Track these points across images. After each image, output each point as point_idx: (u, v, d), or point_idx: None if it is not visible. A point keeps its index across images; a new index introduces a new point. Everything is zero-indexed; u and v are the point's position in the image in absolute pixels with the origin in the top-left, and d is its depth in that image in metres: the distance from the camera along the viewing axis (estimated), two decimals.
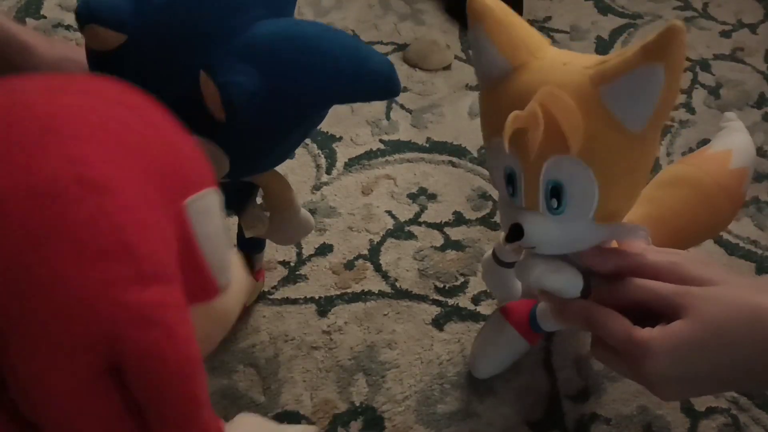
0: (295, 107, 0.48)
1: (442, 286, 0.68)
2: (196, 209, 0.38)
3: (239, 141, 0.48)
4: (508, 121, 0.42)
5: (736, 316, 0.43)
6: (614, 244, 0.50)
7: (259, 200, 0.60)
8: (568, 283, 0.48)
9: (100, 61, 0.47)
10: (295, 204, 0.59)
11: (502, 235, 0.54)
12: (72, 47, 0.59)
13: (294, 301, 0.67)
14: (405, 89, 0.87)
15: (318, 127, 0.66)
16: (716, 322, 0.43)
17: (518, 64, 0.45)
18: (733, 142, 0.61)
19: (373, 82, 0.49)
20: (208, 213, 0.40)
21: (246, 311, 0.65)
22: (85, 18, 0.44)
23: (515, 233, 0.46)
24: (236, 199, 0.57)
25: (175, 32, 0.45)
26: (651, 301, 0.46)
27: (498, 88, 0.46)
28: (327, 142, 0.80)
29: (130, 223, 0.35)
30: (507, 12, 0.46)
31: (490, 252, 0.56)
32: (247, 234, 0.58)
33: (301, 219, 0.60)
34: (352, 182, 0.77)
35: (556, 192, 0.44)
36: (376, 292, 0.68)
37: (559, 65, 0.44)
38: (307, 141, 0.79)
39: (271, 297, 0.67)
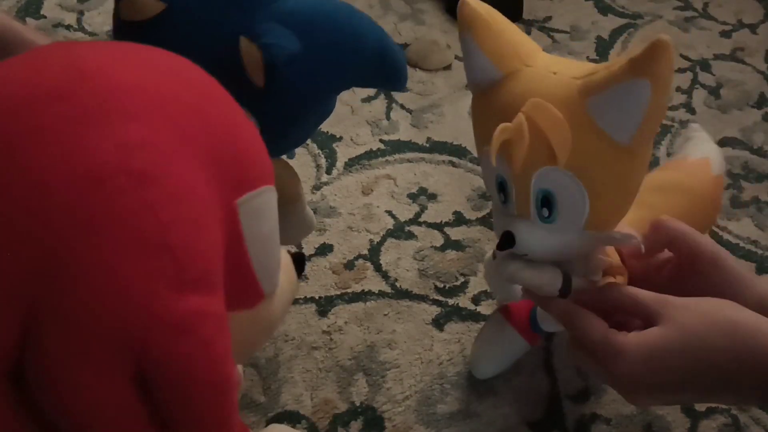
0: (324, 79, 0.49)
1: (442, 286, 0.68)
2: (249, 209, 0.36)
3: (272, 109, 0.48)
4: (495, 133, 0.42)
5: (713, 327, 0.43)
6: (611, 249, 0.50)
7: None
8: (545, 280, 0.48)
9: (132, 32, 0.47)
10: (302, 198, 0.59)
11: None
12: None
13: (294, 301, 0.67)
14: (405, 89, 0.87)
15: (318, 127, 0.66)
16: (692, 331, 0.43)
17: (508, 72, 0.45)
18: (708, 150, 0.62)
19: (390, 67, 0.51)
20: (262, 214, 0.37)
21: None
22: None
23: (507, 241, 0.46)
24: None
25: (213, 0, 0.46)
26: (629, 306, 0.46)
27: (487, 96, 0.46)
28: (327, 142, 0.80)
29: (176, 221, 0.32)
30: (497, 19, 0.46)
31: (491, 253, 0.56)
32: None
33: (306, 215, 0.61)
34: (352, 182, 0.77)
35: (546, 201, 0.44)
36: (377, 292, 0.68)
37: (548, 75, 0.44)
38: (308, 141, 0.79)
39: None
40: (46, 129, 0.31)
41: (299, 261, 0.45)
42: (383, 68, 0.51)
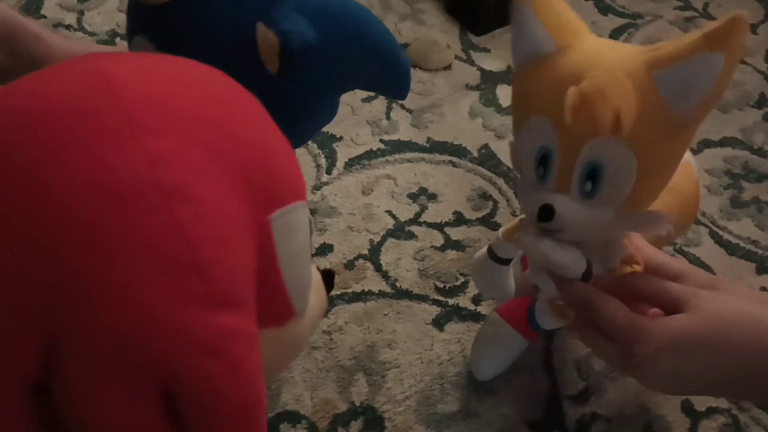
0: (334, 73, 0.49)
1: (442, 286, 0.68)
2: (281, 225, 0.35)
3: (282, 98, 0.49)
4: (569, 93, 0.41)
5: (738, 320, 0.44)
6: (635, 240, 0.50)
7: None
8: (573, 261, 0.48)
9: (153, 15, 0.47)
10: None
11: (500, 230, 0.54)
12: (85, 43, 0.59)
13: None
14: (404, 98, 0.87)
15: (320, 129, 0.65)
16: (717, 322, 0.44)
17: (563, 45, 0.45)
18: (687, 154, 0.62)
19: (396, 73, 0.51)
20: (295, 230, 0.36)
21: None
22: None
23: (546, 213, 0.45)
24: None
25: None
26: (656, 294, 0.46)
27: (541, 68, 0.46)
28: (327, 142, 0.80)
29: (206, 239, 0.31)
30: None
31: (483, 249, 0.55)
32: None
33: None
34: (352, 182, 0.77)
35: (593, 174, 0.43)
36: (377, 292, 0.68)
37: (606, 50, 0.44)
38: (308, 141, 0.80)
39: None
40: (70, 145, 0.30)
41: (329, 278, 0.44)
42: (389, 73, 0.51)
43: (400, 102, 0.85)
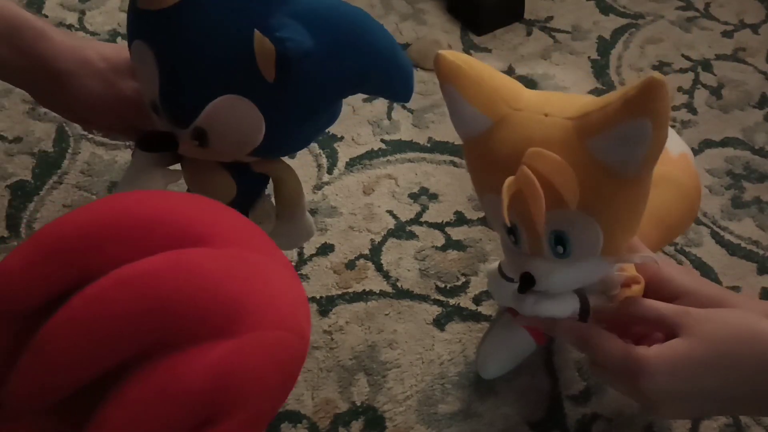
0: (334, 80, 0.49)
1: (443, 286, 0.68)
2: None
3: (280, 105, 0.49)
4: (504, 189, 0.41)
5: (736, 337, 0.44)
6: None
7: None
8: (563, 307, 0.49)
9: (151, 20, 0.47)
10: (303, 203, 0.59)
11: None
12: (87, 40, 0.59)
13: None
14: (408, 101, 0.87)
15: (322, 132, 0.65)
16: (715, 341, 0.44)
17: (497, 118, 0.45)
18: (683, 146, 0.62)
19: (398, 77, 0.51)
20: None
21: None
22: None
23: (527, 282, 0.46)
24: (250, 191, 0.57)
25: None
26: (651, 318, 0.47)
27: (480, 145, 0.46)
28: (328, 142, 0.80)
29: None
30: (475, 66, 0.45)
31: (495, 265, 0.56)
32: None
33: (306, 221, 0.60)
34: (353, 182, 0.77)
35: (560, 240, 0.44)
36: (378, 291, 0.68)
37: (540, 119, 0.44)
38: None
39: None
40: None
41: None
42: (392, 77, 0.51)
43: (401, 102, 0.85)
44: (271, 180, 0.57)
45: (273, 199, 0.59)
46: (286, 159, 0.58)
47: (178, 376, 0.34)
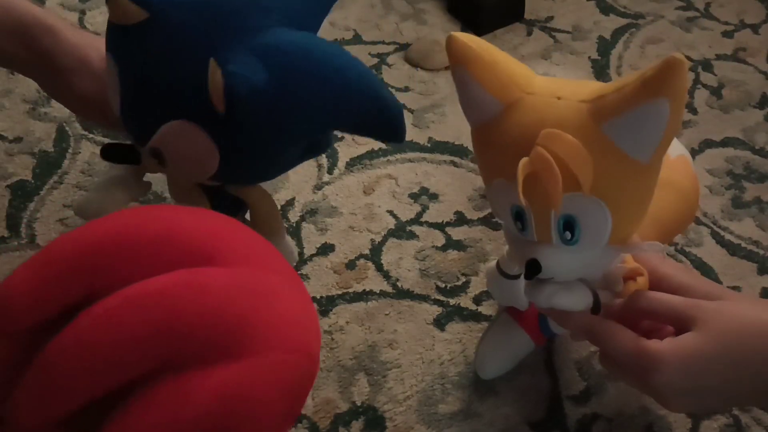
0: (294, 119, 0.47)
1: (443, 286, 0.68)
2: None
3: (232, 138, 0.48)
4: (519, 169, 0.41)
5: (747, 330, 0.43)
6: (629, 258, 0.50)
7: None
8: (578, 300, 0.48)
9: (118, 36, 0.48)
10: (280, 227, 0.59)
11: (506, 249, 0.54)
12: (95, 37, 0.60)
13: None
14: (407, 89, 0.87)
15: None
16: (727, 335, 0.43)
17: (509, 102, 0.44)
18: (681, 148, 0.62)
19: (382, 118, 0.48)
20: None
21: None
22: None
23: (533, 269, 0.46)
24: (225, 212, 0.57)
25: (196, 19, 0.46)
26: (661, 312, 0.46)
27: (491, 129, 0.45)
28: None
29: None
30: (489, 49, 0.45)
31: (493, 264, 0.56)
32: None
33: (286, 245, 0.60)
34: (353, 182, 0.77)
35: (569, 225, 0.44)
36: (378, 291, 0.68)
37: (552, 101, 0.43)
38: None
39: None
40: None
41: None
42: (375, 118, 0.49)
43: (402, 101, 0.85)
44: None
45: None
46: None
47: (184, 399, 0.34)
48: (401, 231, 0.73)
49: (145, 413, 0.34)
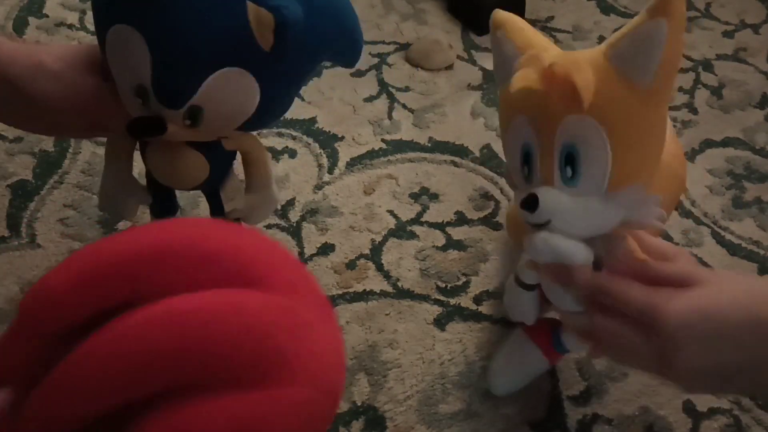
0: (318, 45, 0.52)
1: (443, 285, 0.68)
2: None
3: (275, 73, 0.51)
4: (521, 70, 0.46)
5: (753, 288, 0.44)
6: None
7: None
8: (577, 249, 0.47)
9: (137, 6, 0.48)
10: (272, 177, 0.60)
11: (523, 256, 0.54)
12: (42, 45, 0.58)
13: None
14: (407, 89, 0.87)
15: (320, 127, 0.65)
16: (737, 288, 0.43)
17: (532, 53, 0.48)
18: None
19: (354, 43, 0.55)
20: None
21: None
22: None
23: (530, 203, 0.46)
24: (221, 169, 0.58)
25: None
26: (669, 275, 0.45)
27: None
28: (329, 142, 0.80)
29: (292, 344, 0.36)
30: (522, 22, 0.52)
31: (512, 277, 0.56)
32: (227, 207, 0.59)
33: (274, 190, 0.61)
34: (354, 182, 0.77)
35: (570, 159, 0.45)
36: (378, 291, 0.68)
37: (571, 51, 0.49)
38: (309, 141, 0.79)
39: None
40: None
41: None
42: (350, 46, 0.55)
43: (402, 102, 0.85)
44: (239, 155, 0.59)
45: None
46: (287, 160, 0.58)
47: (200, 421, 0.34)
48: (401, 231, 0.73)
49: (159, 430, 0.34)
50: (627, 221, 0.48)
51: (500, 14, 0.52)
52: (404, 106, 0.85)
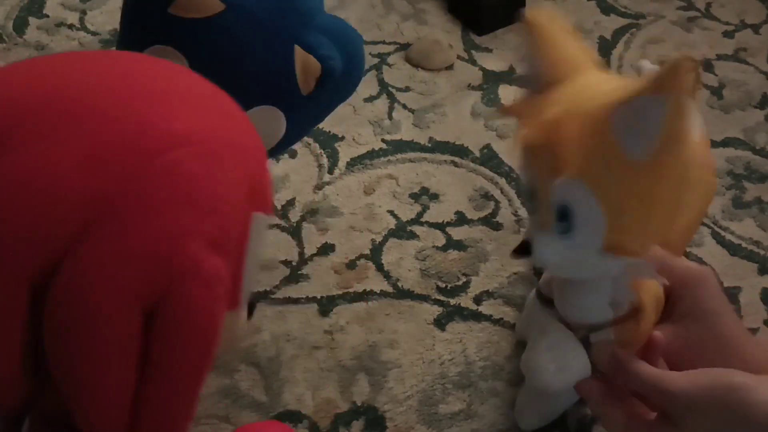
0: (345, 88, 0.54)
1: (443, 286, 0.68)
2: (258, 225, 0.41)
3: (306, 114, 0.52)
4: (521, 136, 0.44)
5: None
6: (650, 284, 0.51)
7: None
8: (578, 376, 0.51)
9: (187, 28, 0.48)
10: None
11: (545, 275, 0.55)
12: None
13: (296, 301, 0.67)
14: (407, 89, 0.87)
15: (320, 127, 0.66)
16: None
17: (556, 80, 0.46)
18: (700, 124, 0.60)
19: (357, 81, 0.57)
20: (261, 235, 0.43)
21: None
22: None
23: (523, 249, 0.47)
24: None
25: (265, 5, 0.49)
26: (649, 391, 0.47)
27: (534, 103, 0.47)
28: (329, 142, 0.80)
29: (227, 196, 0.38)
30: (559, 29, 0.48)
31: (533, 292, 0.56)
32: None
33: None
34: (354, 182, 0.77)
35: (564, 214, 0.44)
36: (378, 291, 0.68)
37: (590, 88, 0.45)
38: (309, 140, 0.79)
39: (273, 296, 0.67)
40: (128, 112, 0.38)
41: (251, 305, 0.50)
42: (354, 83, 0.57)
43: (402, 102, 0.85)
44: None
45: None
46: (287, 160, 0.58)
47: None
48: (402, 231, 0.73)
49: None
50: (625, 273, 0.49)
51: (535, 17, 0.49)
52: (404, 106, 0.85)
